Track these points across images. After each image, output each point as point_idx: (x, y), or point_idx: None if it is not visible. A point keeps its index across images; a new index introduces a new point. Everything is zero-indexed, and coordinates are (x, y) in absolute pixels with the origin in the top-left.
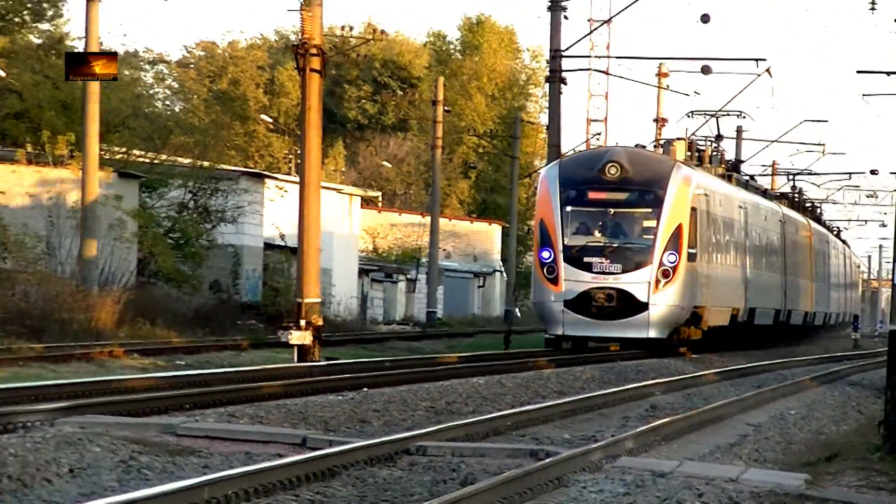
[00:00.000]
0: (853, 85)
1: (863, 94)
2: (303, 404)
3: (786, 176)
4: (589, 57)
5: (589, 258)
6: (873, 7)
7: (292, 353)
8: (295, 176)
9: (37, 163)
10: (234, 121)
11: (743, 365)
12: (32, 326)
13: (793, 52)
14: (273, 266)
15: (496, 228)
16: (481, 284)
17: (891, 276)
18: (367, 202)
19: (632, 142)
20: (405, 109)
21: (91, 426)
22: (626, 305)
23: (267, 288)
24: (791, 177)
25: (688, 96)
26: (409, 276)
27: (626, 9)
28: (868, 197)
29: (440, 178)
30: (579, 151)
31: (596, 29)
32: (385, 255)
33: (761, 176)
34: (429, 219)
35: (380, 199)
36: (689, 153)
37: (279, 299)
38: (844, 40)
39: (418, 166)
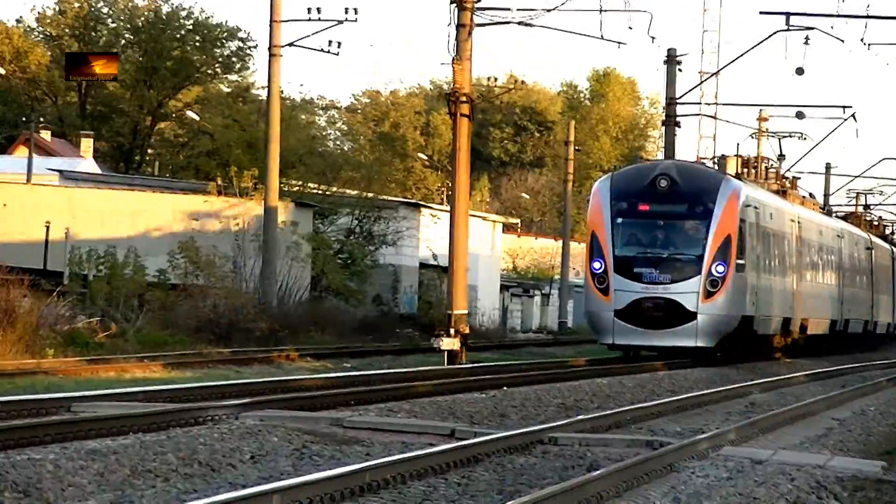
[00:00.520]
0: None
1: None
2: (451, 401)
3: (863, 205)
4: (699, 104)
5: (639, 269)
6: None
7: (442, 357)
8: (446, 206)
9: (225, 194)
10: (394, 158)
11: (828, 368)
12: (220, 334)
13: (877, 99)
14: (427, 282)
15: None
16: None
17: None
18: (508, 228)
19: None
20: (541, 149)
21: (270, 419)
22: (675, 315)
23: (421, 301)
24: (865, 204)
25: (785, 138)
26: (543, 292)
27: (731, 63)
28: None
29: (571, 207)
30: (632, 165)
31: (705, 80)
32: (523, 273)
33: (846, 206)
34: (561, 242)
35: (519, 226)
36: (743, 169)
37: (432, 311)
38: None
39: (552, 197)
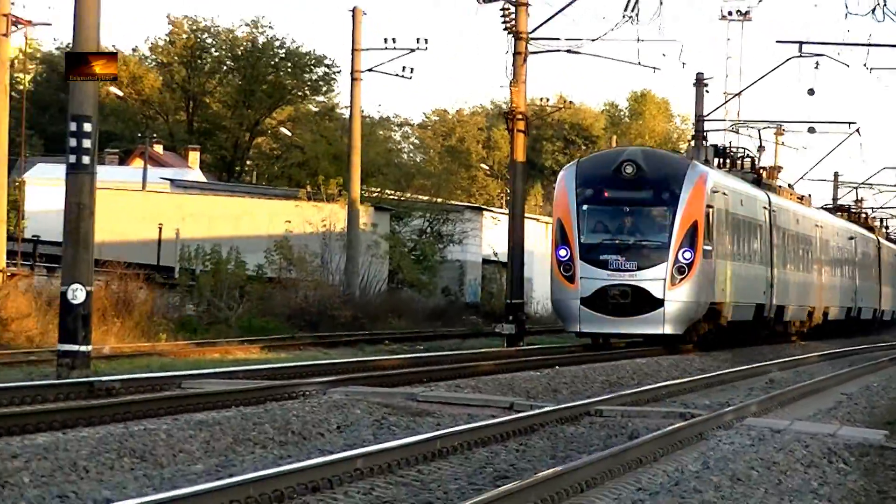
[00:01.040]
0: None
1: None
2: (510, 378)
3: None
4: (724, 121)
5: (605, 256)
6: None
7: (503, 341)
8: (505, 209)
9: (314, 199)
10: (460, 168)
11: (838, 349)
12: (310, 321)
13: (879, 116)
14: (488, 276)
15: None
16: None
17: None
18: None
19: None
20: None
21: (353, 394)
22: (642, 302)
23: (484, 292)
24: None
25: (797, 150)
26: None
27: (752, 85)
28: None
29: None
30: (598, 152)
31: (730, 100)
32: None
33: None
34: None
35: None
36: (716, 159)
37: (493, 300)
38: None
39: None
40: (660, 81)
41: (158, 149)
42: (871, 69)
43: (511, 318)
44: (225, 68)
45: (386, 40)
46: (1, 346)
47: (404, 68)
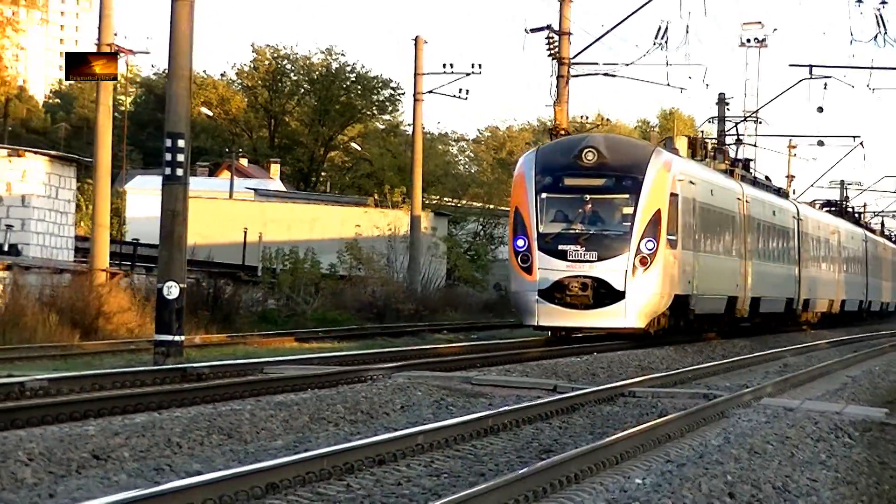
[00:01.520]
0: None
1: None
2: (554, 364)
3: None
4: (743, 135)
5: (564, 246)
6: None
7: (547, 331)
8: None
9: (381, 206)
10: (509, 178)
11: (845, 337)
12: (377, 313)
13: (881, 130)
14: None
15: None
16: None
17: None
18: None
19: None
20: None
21: (415, 378)
22: (602, 294)
23: None
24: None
25: (808, 161)
26: None
27: (768, 103)
28: None
29: None
30: (559, 139)
31: (748, 117)
32: None
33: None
34: None
35: None
36: (690, 149)
37: None
38: None
39: None
40: (686, 100)
41: (243, 162)
42: (873, 89)
43: None
44: (302, 91)
45: (444, 65)
46: (104, 336)
47: (460, 90)
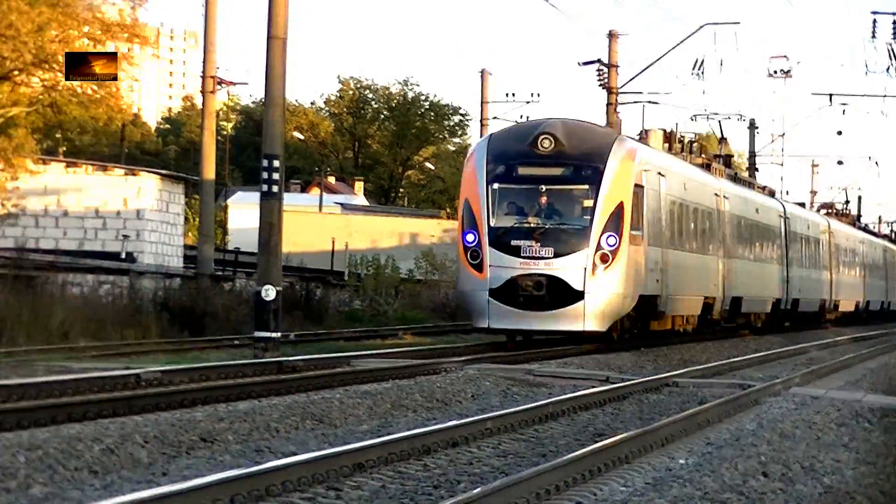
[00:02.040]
0: None
1: None
2: (606, 357)
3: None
4: (773, 154)
5: (517, 241)
6: None
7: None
8: None
9: (452, 218)
10: None
11: (863, 333)
12: (449, 313)
13: (894, 150)
14: None
15: None
16: None
17: None
18: None
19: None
20: None
21: (484, 370)
22: (558, 294)
23: None
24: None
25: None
26: None
27: (793, 127)
28: None
29: None
30: (514, 125)
31: (775, 139)
32: None
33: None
34: None
35: None
36: (666, 143)
37: None
38: None
39: None
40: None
41: (331, 180)
42: (886, 115)
43: None
44: (382, 117)
45: (507, 94)
46: (210, 333)
47: (521, 116)
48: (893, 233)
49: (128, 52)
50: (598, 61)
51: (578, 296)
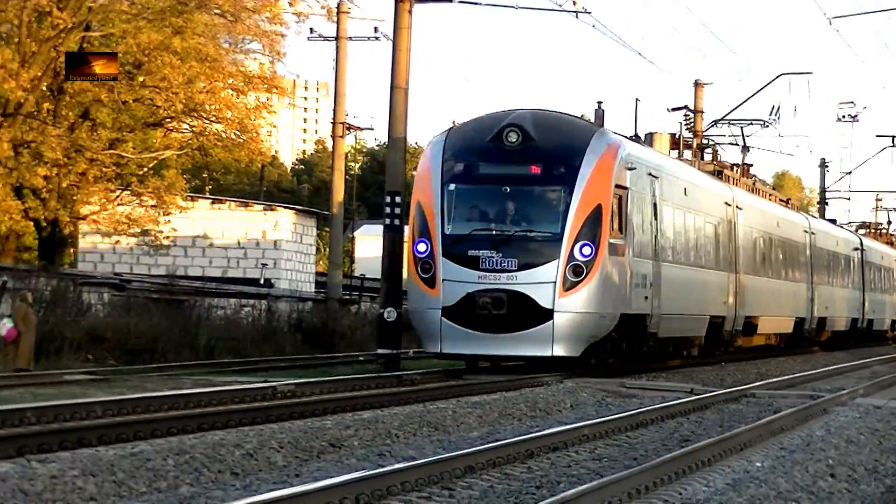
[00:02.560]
0: None
1: None
2: (690, 371)
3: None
4: (841, 190)
5: (475, 251)
6: None
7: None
8: None
9: None
10: None
11: None
12: None
13: None
14: None
15: None
16: None
17: None
18: None
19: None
20: None
21: (581, 383)
22: (523, 313)
23: None
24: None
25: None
26: None
27: (860, 166)
28: None
29: None
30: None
31: (844, 177)
32: None
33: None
34: None
35: None
36: (673, 149)
37: None
38: None
39: None
40: (795, 164)
41: None
42: None
43: None
44: None
45: None
46: (338, 351)
47: None
48: None
49: (267, 101)
50: (685, 108)
51: (546, 315)
